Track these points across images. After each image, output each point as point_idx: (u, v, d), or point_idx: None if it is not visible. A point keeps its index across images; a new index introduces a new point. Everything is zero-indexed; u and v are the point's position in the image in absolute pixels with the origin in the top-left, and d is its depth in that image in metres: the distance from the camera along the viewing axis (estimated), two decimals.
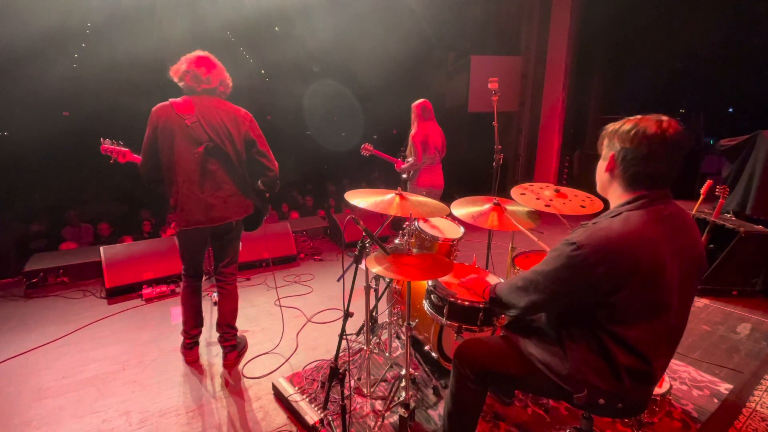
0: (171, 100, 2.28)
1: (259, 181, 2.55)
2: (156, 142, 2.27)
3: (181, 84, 2.32)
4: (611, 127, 1.38)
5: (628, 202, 1.33)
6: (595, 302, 1.29)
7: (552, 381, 1.42)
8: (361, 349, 2.48)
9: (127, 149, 2.47)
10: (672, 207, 1.34)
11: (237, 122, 2.35)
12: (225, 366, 2.62)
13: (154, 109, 2.28)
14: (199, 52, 2.33)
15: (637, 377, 1.31)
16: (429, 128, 4.00)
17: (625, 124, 1.33)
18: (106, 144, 2.46)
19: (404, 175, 4.21)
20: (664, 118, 1.29)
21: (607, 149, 1.39)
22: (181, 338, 2.68)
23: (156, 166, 2.34)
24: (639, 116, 1.33)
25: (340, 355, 1.92)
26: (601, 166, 1.43)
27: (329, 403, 2.09)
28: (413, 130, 4.01)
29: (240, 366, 2.63)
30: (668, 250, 1.26)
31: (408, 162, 4.08)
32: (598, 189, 1.49)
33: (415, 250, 2.01)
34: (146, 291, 3.66)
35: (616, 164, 1.36)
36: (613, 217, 1.32)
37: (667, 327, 1.31)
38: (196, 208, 2.32)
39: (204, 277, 2.75)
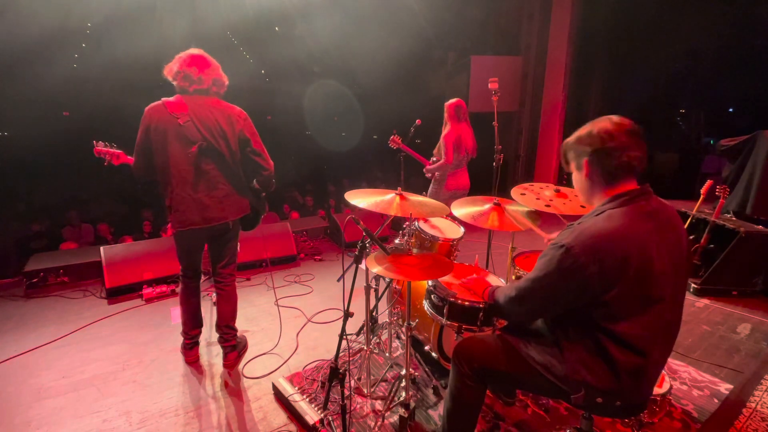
0: (164, 99, 2.24)
1: (254, 181, 2.53)
2: (149, 142, 2.25)
3: (174, 83, 2.28)
4: (570, 140, 1.44)
5: (609, 201, 1.36)
6: (589, 302, 1.29)
7: (550, 380, 1.42)
8: (361, 349, 2.48)
9: (120, 151, 2.45)
10: (654, 203, 1.36)
11: (231, 121, 2.31)
12: (225, 366, 2.62)
13: (146, 108, 2.24)
14: (192, 51, 2.28)
15: (635, 373, 1.32)
16: (462, 129, 3.94)
17: (583, 131, 1.39)
18: (99, 146, 2.42)
19: (428, 175, 4.16)
20: (609, 116, 1.38)
21: (578, 159, 1.42)
22: (181, 338, 2.68)
23: (149, 167, 2.31)
24: (589, 122, 1.41)
25: (340, 355, 1.92)
26: (579, 177, 1.46)
27: (329, 403, 2.09)
28: (446, 131, 3.94)
29: (240, 366, 2.63)
30: (655, 244, 1.28)
31: (434, 162, 4.02)
32: (584, 200, 1.51)
33: (415, 250, 2.01)
34: (146, 291, 3.66)
35: (592, 167, 1.39)
36: (596, 216, 1.34)
37: (662, 321, 1.32)
38: (191, 208, 2.30)
39: (203, 278, 2.74)
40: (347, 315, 1.95)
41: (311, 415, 2.05)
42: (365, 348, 2.37)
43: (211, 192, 2.33)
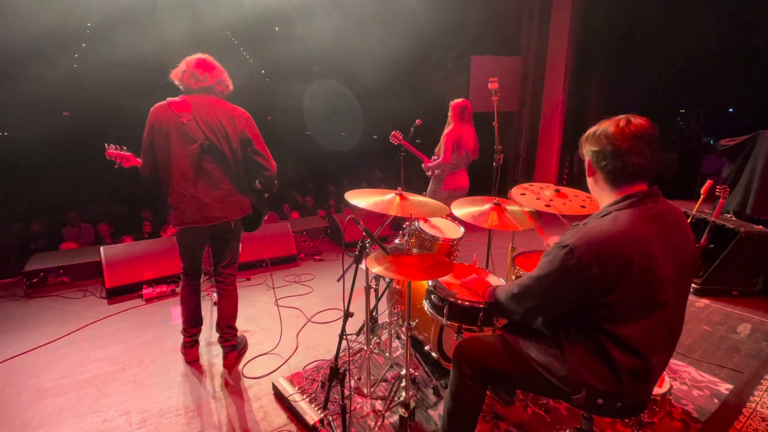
0: (169, 99, 2.28)
1: (256, 182, 2.54)
2: (153, 141, 2.28)
3: (179, 84, 2.33)
4: (586, 135, 1.43)
5: (617, 202, 1.35)
6: (591, 303, 1.29)
7: (550, 381, 1.42)
8: (361, 349, 2.48)
9: (130, 153, 2.47)
10: (662, 205, 1.35)
11: (233, 120, 2.34)
12: (225, 366, 2.62)
13: (151, 108, 2.29)
14: (199, 55, 2.34)
15: (636, 376, 1.31)
16: (464, 130, 3.94)
17: (596, 129, 1.38)
18: (111, 149, 2.44)
19: (428, 173, 4.17)
20: (624, 116, 1.33)
21: (585, 157, 1.44)
22: (181, 338, 2.68)
23: (155, 168, 2.34)
24: (605, 120, 1.37)
25: (340, 355, 1.92)
26: (587, 174, 1.47)
27: (329, 403, 2.09)
28: (447, 129, 3.94)
29: (240, 366, 2.63)
30: (659, 247, 1.27)
31: (434, 160, 4.02)
32: (593, 195, 1.52)
33: (415, 250, 2.01)
34: (146, 291, 3.66)
35: (593, 168, 1.40)
36: (602, 217, 1.34)
37: (665, 324, 1.32)
38: (192, 206, 2.32)
39: (204, 277, 2.74)
40: (347, 315, 1.95)
41: (311, 415, 2.05)
42: (365, 348, 2.37)
43: (212, 191, 2.34)
